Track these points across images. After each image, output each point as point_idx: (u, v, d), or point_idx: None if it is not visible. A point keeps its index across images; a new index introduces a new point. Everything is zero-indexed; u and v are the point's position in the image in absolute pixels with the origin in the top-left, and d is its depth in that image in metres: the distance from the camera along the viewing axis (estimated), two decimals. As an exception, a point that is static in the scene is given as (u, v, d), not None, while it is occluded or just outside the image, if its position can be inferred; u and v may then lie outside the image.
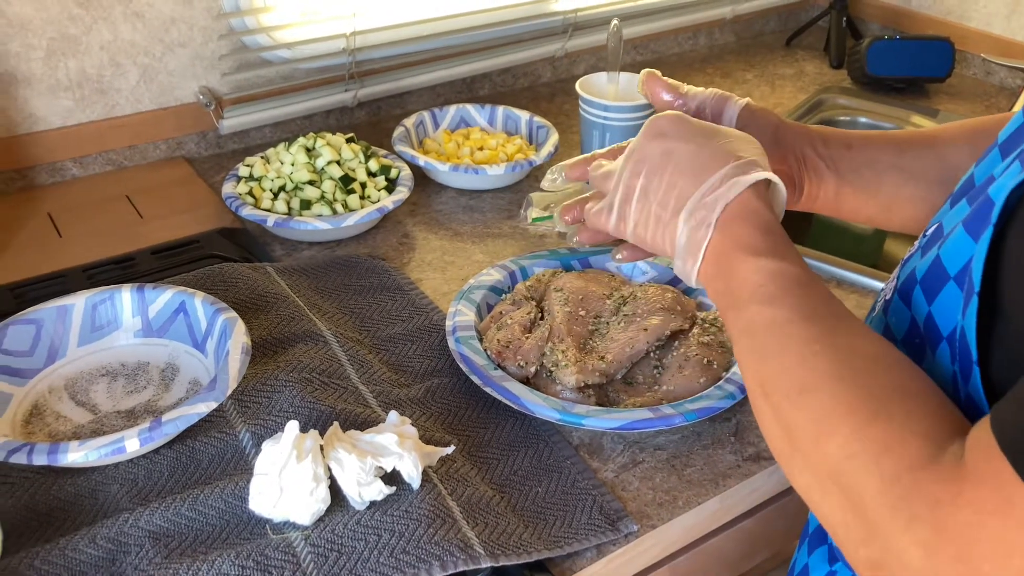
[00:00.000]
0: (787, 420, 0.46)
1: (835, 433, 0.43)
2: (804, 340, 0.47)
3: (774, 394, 0.47)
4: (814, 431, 0.44)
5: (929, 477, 0.39)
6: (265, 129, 1.20)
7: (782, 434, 0.46)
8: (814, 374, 0.45)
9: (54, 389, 0.74)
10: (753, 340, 0.49)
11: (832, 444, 0.42)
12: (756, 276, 0.51)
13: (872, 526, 0.40)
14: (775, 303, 0.49)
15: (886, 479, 0.40)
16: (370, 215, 0.96)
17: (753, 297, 0.50)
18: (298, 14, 1.17)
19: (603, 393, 0.77)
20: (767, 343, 0.48)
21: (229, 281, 0.85)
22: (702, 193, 0.54)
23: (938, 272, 0.47)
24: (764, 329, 0.49)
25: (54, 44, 1.03)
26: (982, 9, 1.52)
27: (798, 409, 0.45)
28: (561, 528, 0.65)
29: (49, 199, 1.06)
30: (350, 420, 0.69)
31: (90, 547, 0.59)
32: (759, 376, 0.48)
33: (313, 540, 0.60)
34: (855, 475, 0.41)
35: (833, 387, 0.44)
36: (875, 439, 0.41)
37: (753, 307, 0.50)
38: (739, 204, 0.53)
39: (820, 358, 0.45)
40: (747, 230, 0.52)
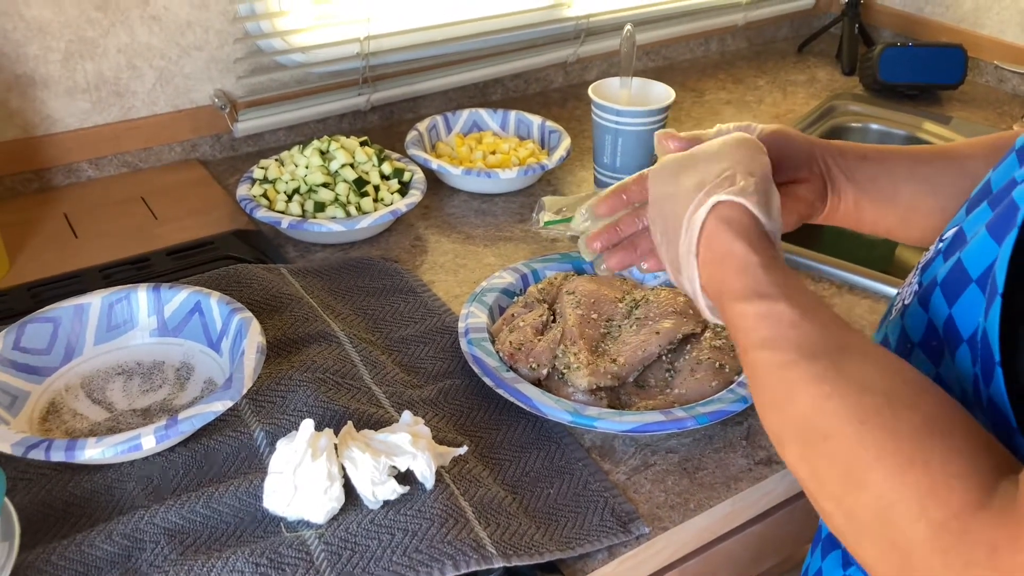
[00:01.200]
0: (811, 468, 0.44)
1: (867, 483, 0.41)
2: (811, 382, 0.45)
3: (793, 443, 0.45)
4: (843, 480, 0.42)
5: (981, 522, 0.37)
6: (279, 132, 1.21)
7: (808, 479, 0.45)
8: (832, 419, 0.43)
9: (71, 387, 0.74)
10: (759, 386, 0.48)
11: (866, 494, 0.41)
12: (743, 321, 0.50)
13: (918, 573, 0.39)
14: (772, 346, 0.48)
15: (933, 527, 0.38)
16: (383, 218, 0.96)
17: (749, 344, 0.49)
18: (313, 18, 1.17)
19: (615, 396, 0.77)
20: (775, 390, 0.47)
21: (243, 282, 0.86)
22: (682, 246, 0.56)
23: (960, 275, 0.47)
24: (768, 375, 0.47)
25: (72, 47, 1.04)
26: (995, 16, 1.52)
27: (822, 457, 0.43)
28: (573, 529, 0.65)
29: (65, 200, 1.07)
30: (363, 420, 0.70)
31: (106, 543, 0.60)
32: (773, 423, 0.47)
33: (327, 538, 0.60)
34: (897, 525, 0.39)
35: (855, 432, 0.42)
36: (914, 486, 0.39)
37: (753, 353, 0.49)
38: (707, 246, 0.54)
39: (833, 401, 0.43)
40: (722, 274, 0.53)
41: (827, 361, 0.45)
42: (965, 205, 0.54)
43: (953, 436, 0.41)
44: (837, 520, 0.43)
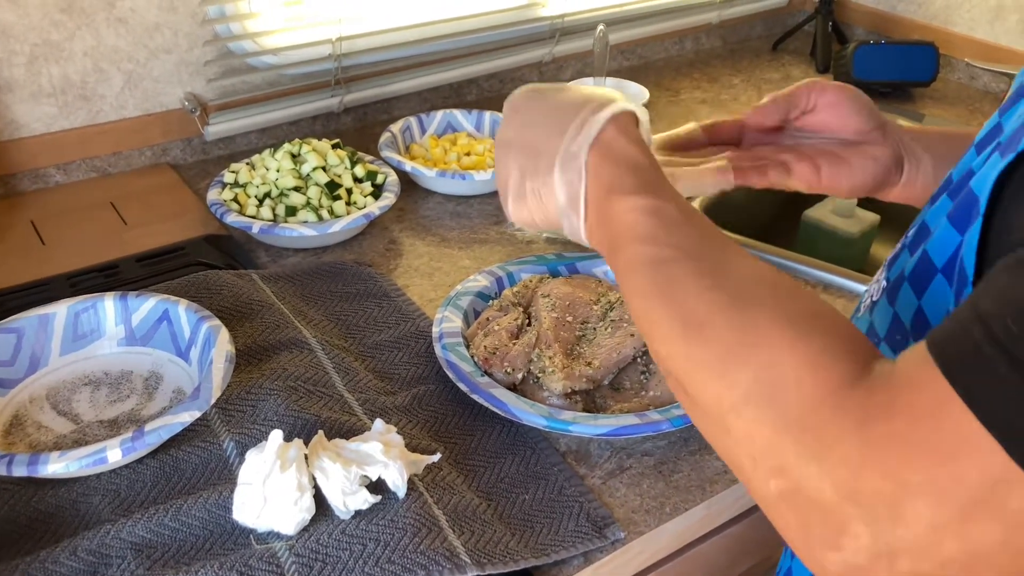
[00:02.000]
0: (684, 356, 0.43)
1: (747, 362, 0.40)
2: (693, 275, 0.45)
3: (669, 333, 0.44)
4: (719, 363, 0.41)
5: (858, 394, 0.37)
6: (251, 135, 1.20)
7: (680, 373, 0.44)
8: (713, 307, 0.43)
9: (35, 399, 0.73)
10: (637, 281, 0.47)
11: (743, 373, 0.40)
12: (630, 215, 0.49)
13: (789, 452, 0.38)
14: (655, 241, 0.47)
15: (811, 401, 0.38)
16: (356, 221, 0.95)
17: (632, 237, 0.48)
18: (284, 20, 1.16)
19: (590, 399, 0.77)
20: (654, 280, 0.46)
21: (214, 288, 0.85)
22: (567, 144, 0.53)
23: (926, 267, 0.47)
24: (647, 267, 0.47)
25: (37, 50, 1.02)
26: (965, 14, 1.53)
27: (699, 344, 0.42)
28: (548, 536, 0.64)
29: (32, 206, 1.05)
30: (335, 428, 0.69)
31: (71, 560, 0.59)
32: (650, 317, 0.46)
33: (297, 550, 0.59)
34: (772, 401, 0.39)
35: (738, 317, 0.42)
36: (792, 364, 0.39)
37: (633, 246, 0.48)
38: (603, 145, 0.52)
39: (716, 291, 0.43)
40: (614, 170, 0.51)
41: (710, 260, 0.46)
42: (929, 199, 0.54)
43: (830, 322, 0.41)
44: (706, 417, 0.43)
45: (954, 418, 0.34)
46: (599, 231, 0.52)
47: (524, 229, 1.01)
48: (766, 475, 0.39)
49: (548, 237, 1.02)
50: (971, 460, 0.33)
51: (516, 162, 0.56)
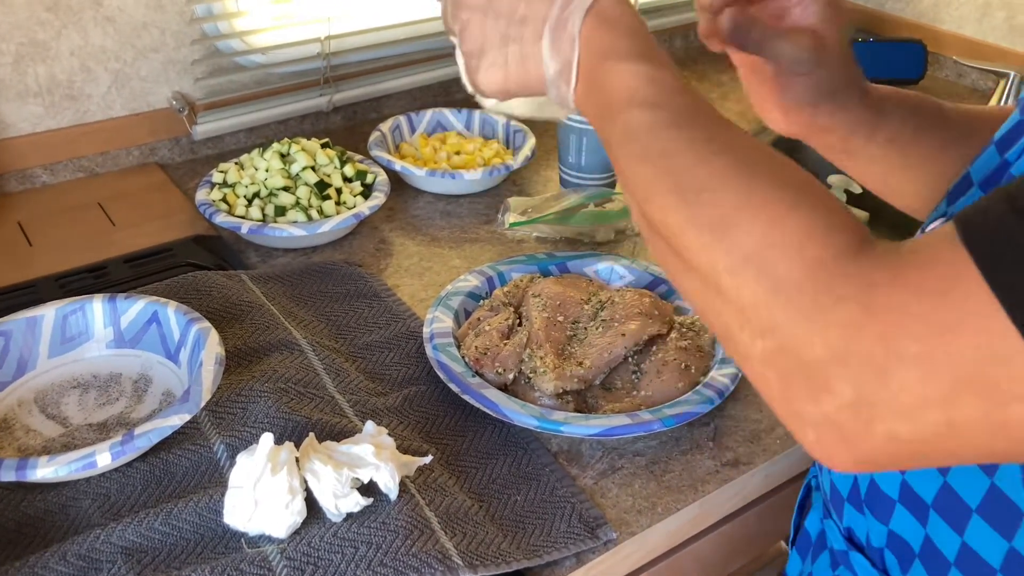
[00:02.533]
0: (683, 218, 0.42)
1: (749, 224, 0.40)
2: (696, 140, 0.44)
3: (668, 195, 0.43)
4: (721, 224, 0.41)
5: (860, 262, 0.37)
6: (240, 134, 1.19)
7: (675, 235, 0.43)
8: (715, 171, 0.42)
9: (23, 402, 0.72)
10: (635, 144, 0.46)
11: (743, 235, 0.40)
12: (631, 80, 0.47)
13: (782, 313, 0.38)
14: (656, 106, 0.46)
15: (811, 264, 0.38)
16: (346, 221, 0.95)
17: (631, 101, 0.47)
18: (272, 18, 1.16)
19: (582, 399, 0.77)
20: (652, 145, 0.45)
21: (203, 290, 0.84)
22: (557, 11, 0.51)
23: None
24: (647, 132, 0.45)
25: (23, 49, 1.01)
26: (954, 12, 1.53)
27: (699, 206, 0.42)
28: (540, 537, 0.64)
29: (19, 207, 1.04)
30: (326, 430, 0.68)
31: (60, 564, 0.58)
32: (646, 179, 0.45)
33: (289, 553, 0.59)
34: (772, 263, 0.39)
35: (741, 182, 0.41)
36: (795, 227, 0.39)
37: (632, 111, 0.46)
38: (597, 12, 0.51)
39: (721, 156, 0.43)
40: (613, 36, 0.50)
41: (712, 127, 0.45)
42: (945, 198, 0.54)
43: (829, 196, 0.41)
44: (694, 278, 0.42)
45: (964, 290, 0.34)
46: (590, 97, 0.51)
47: (515, 228, 1.01)
48: (753, 335, 0.39)
49: (539, 236, 1.02)
50: (972, 334, 0.34)
51: (494, 26, 0.54)
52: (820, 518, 0.61)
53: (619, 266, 0.91)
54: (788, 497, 0.80)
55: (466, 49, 0.57)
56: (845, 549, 0.56)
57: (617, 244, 1.02)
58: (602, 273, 0.92)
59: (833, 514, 0.59)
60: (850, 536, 0.57)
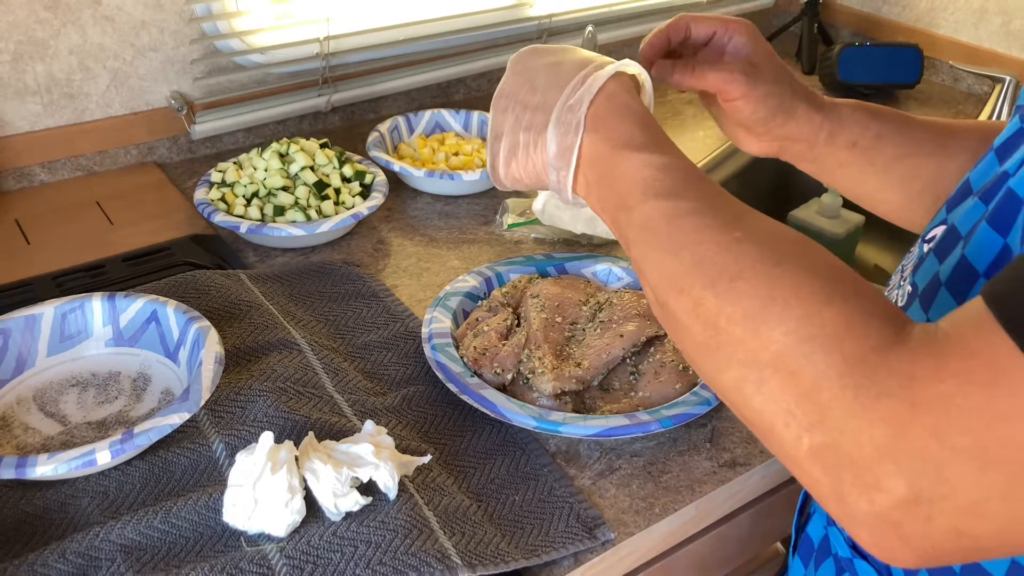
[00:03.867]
0: (713, 312, 0.42)
1: (782, 319, 0.39)
2: (720, 228, 0.43)
3: (693, 287, 0.43)
4: (753, 319, 0.40)
5: (898, 355, 0.37)
6: (238, 134, 1.19)
7: (704, 329, 0.42)
8: (743, 260, 0.42)
9: (22, 400, 0.72)
10: (656, 236, 0.46)
11: (778, 330, 0.39)
12: (645, 171, 0.48)
13: (826, 409, 0.37)
14: (675, 195, 0.46)
15: (850, 359, 0.37)
16: (344, 221, 0.95)
17: (648, 192, 0.47)
18: (271, 18, 1.16)
19: (580, 400, 0.77)
20: (675, 236, 0.44)
21: (202, 289, 0.84)
22: (565, 97, 0.52)
23: (967, 272, 0.46)
24: (668, 222, 0.45)
25: (21, 48, 1.01)
26: (950, 17, 1.54)
27: (729, 298, 0.41)
28: (538, 537, 0.64)
29: (17, 205, 1.04)
30: (325, 430, 0.69)
31: (60, 562, 0.58)
32: (670, 271, 0.44)
33: (288, 552, 0.59)
34: (811, 359, 0.38)
35: (771, 271, 0.41)
36: (831, 321, 0.38)
37: (649, 202, 0.46)
38: (607, 100, 0.52)
39: (746, 244, 0.42)
40: (623, 125, 0.50)
41: (734, 213, 0.45)
42: (944, 206, 0.54)
43: (861, 283, 0.41)
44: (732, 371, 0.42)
45: (1012, 378, 0.33)
46: (598, 188, 0.51)
47: (513, 229, 1.01)
48: (799, 432, 0.39)
49: (537, 237, 1.02)
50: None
51: (513, 114, 0.56)
52: (824, 524, 0.61)
53: (617, 268, 0.92)
54: (785, 498, 0.80)
55: (491, 137, 0.58)
56: (850, 556, 0.56)
57: (615, 246, 1.02)
58: (600, 274, 0.92)
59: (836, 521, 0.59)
60: (854, 543, 0.57)
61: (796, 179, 1.40)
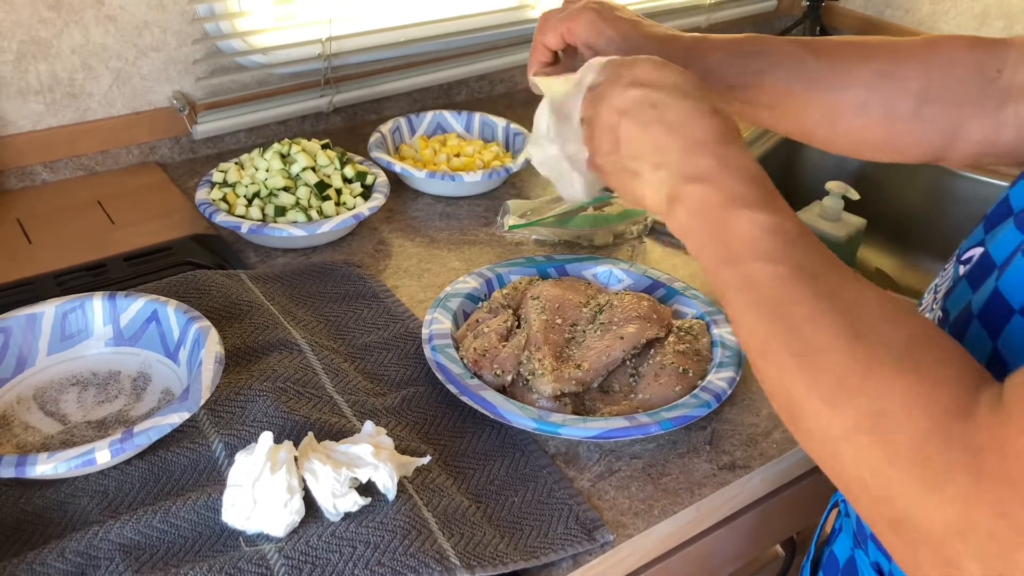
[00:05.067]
0: (795, 381, 0.44)
1: (857, 392, 0.40)
2: (812, 297, 0.45)
3: (779, 353, 0.45)
4: (829, 391, 0.42)
5: (968, 427, 0.37)
6: (240, 134, 1.19)
7: (785, 396, 0.44)
8: (827, 332, 0.43)
9: (22, 399, 0.72)
10: (752, 297, 0.47)
11: (853, 403, 0.40)
12: (752, 229, 0.49)
13: (899, 483, 0.38)
14: (776, 259, 0.47)
15: (920, 433, 0.38)
16: (346, 222, 0.95)
17: (752, 253, 0.48)
18: (273, 19, 1.16)
19: (579, 402, 0.77)
20: (771, 300, 0.46)
21: (202, 289, 0.84)
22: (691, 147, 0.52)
23: (1000, 305, 0.46)
24: (767, 285, 0.46)
25: (24, 47, 1.01)
26: (952, 20, 1.54)
27: (810, 368, 0.43)
28: (537, 538, 0.64)
29: (18, 204, 1.04)
30: (325, 430, 0.69)
31: (59, 561, 0.58)
32: (760, 335, 0.46)
33: (287, 552, 0.59)
34: (882, 432, 0.39)
35: (849, 345, 0.42)
36: (903, 392, 0.39)
37: (753, 263, 0.48)
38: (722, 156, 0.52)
39: (830, 314, 0.43)
40: (738, 182, 0.51)
41: (828, 283, 0.45)
42: (982, 222, 0.54)
43: (940, 348, 0.41)
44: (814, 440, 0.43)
45: None
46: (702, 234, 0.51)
47: (514, 230, 1.01)
48: (874, 503, 0.40)
49: (538, 239, 1.02)
50: None
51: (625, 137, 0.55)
52: (851, 545, 0.61)
53: (618, 270, 0.92)
54: (785, 501, 0.80)
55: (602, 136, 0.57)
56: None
57: (616, 248, 1.02)
58: (601, 276, 0.92)
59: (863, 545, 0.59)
60: (879, 570, 0.57)
61: (798, 182, 1.40)
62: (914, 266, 1.35)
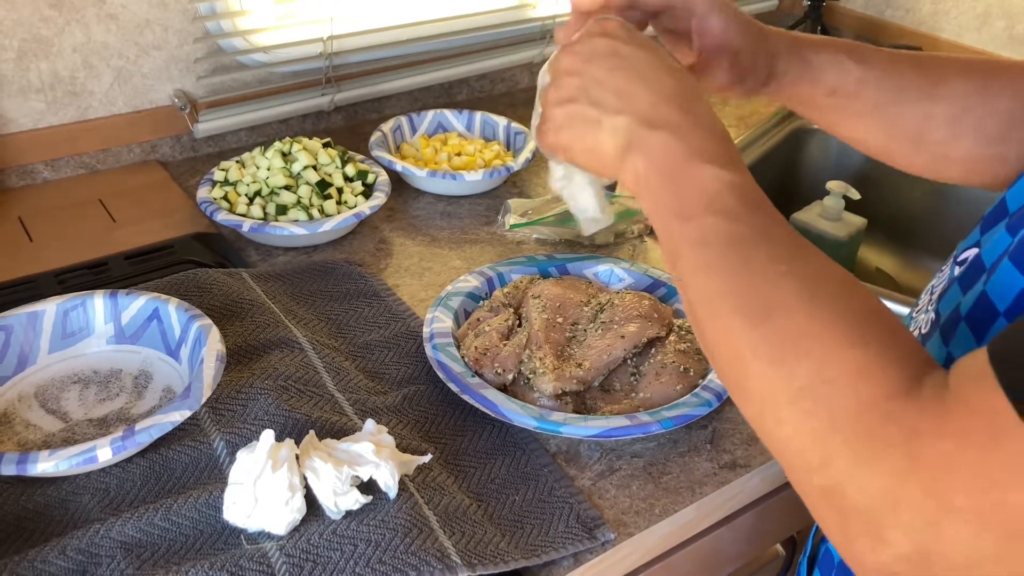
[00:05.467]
0: (742, 342, 0.43)
1: (806, 357, 0.40)
2: (769, 259, 0.44)
3: (730, 314, 0.44)
4: (779, 354, 0.41)
5: (909, 406, 0.37)
6: (241, 133, 1.20)
7: (733, 356, 0.43)
8: (782, 294, 0.42)
9: (24, 397, 0.72)
10: (707, 254, 0.46)
11: (801, 367, 0.40)
12: (714, 185, 0.47)
13: (835, 452, 0.38)
14: (735, 218, 0.46)
15: (862, 405, 0.38)
16: (347, 220, 0.95)
17: (710, 207, 0.46)
18: (275, 18, 1.16)
19: (580, 400, 0.77)
20: (726, 258, 0.45)
21: (204, 287, 0.85)
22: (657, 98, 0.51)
23: (986, 308, 0.46)
24: (723, 243, 0.45)
25: (26, 45, 1.02)
26: (953, 21, 1.54)
27: (760, 329, 0.42)
28: (538, 536, 0.65)
29: (20, 202, 1.04)
30: (326, 428, 0.69)
31: (60, 559, 0.58)
32: (708, 292, 0.45)
33: (288, 550, 0.59)
34: (826, 400, 0.39)
35: (805, 309, 0.41)
36: (852, 363, 0.39)
37: (709, 218, 0.46)
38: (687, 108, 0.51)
39: (789, 279, 0.43)
40: (703, 135, 0.49)
41: (787, 247, 0.45)
42: (979, 225, 0.54)
43: (892, 328, 0.41)
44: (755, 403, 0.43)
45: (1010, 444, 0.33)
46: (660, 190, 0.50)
47: (515, 229, 1.01)
48: (809, 470, 0.40)
49: (539, 238, 1.02)
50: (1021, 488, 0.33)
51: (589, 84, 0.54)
52: None
53: (619, 269, 0.92)
54: (785, 500, 0.80)
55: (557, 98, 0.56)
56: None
57: (617, 247, 1.02)
58: (602, 275, 0.92)
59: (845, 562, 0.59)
60: None
61: (798, 182, 1.40)
62: (914, 266, 1.35)
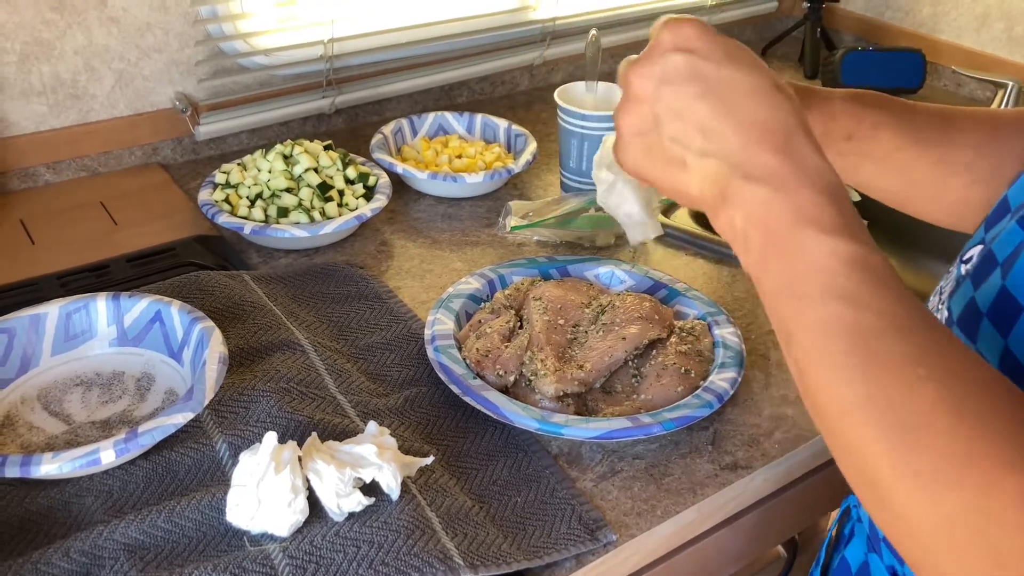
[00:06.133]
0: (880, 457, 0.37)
1: (959, 485, 0.35)
2: (905, 360, 0.37)
3: (864, 425, 0.38)
4: (930, 478, 0.36)
5: None
6: (242, 135, 1.20)
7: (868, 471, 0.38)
8: (924, 407, 0.36)
9: (27, 399, 0.73)
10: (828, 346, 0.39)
11: (954, 494, 0.35)
12: (830, 262, 0.40)
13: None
14: (858, 304, 0.39)
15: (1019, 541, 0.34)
16: (348, 223, 0.96)
17: (828, 290, 0.40)
18: (276, 21, 1.16)
19: (582, 402, 0.77)
20: (852, 355, 0.38)
21: (205, 289, 0.85)
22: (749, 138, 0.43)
23: (1008, 303, 0.43)
24: (846, 335, 0.39)
25: (27, 48, 1.02)
26: (952, 22, 1.54)
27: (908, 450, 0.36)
28: (540, 538, 0.65)
29: (22, 205, 1.05)
30: (328, 430, 0.69)
31: (63, 561, 0.58)
32: (831, 393, 0.39)
33: (291, 552, 0.60)
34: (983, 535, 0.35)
35: (950, 425, 0.36)
36: (1013, 492, 0.34)
37: (831, 304, 0.39)
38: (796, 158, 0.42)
39: (929, 385, 0.37)
40: (813, 192, 0.41)
41: (921, 341, 0.38)
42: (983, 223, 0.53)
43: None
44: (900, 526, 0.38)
45: None
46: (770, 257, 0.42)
47: (516, 231, 1.01)
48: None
49: (540, 240, 1.02)
50: None
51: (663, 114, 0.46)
52: (864, 551, 0.60)
53: (620, 270, 0.92)
54: (787, 501, 0.80)
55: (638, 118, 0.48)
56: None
57: (618, 248, 1.02)
58: (603, 277, 0.92)
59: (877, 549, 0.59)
60: (894, 573, 0.57)
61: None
62: (914, 266, 1.35)
